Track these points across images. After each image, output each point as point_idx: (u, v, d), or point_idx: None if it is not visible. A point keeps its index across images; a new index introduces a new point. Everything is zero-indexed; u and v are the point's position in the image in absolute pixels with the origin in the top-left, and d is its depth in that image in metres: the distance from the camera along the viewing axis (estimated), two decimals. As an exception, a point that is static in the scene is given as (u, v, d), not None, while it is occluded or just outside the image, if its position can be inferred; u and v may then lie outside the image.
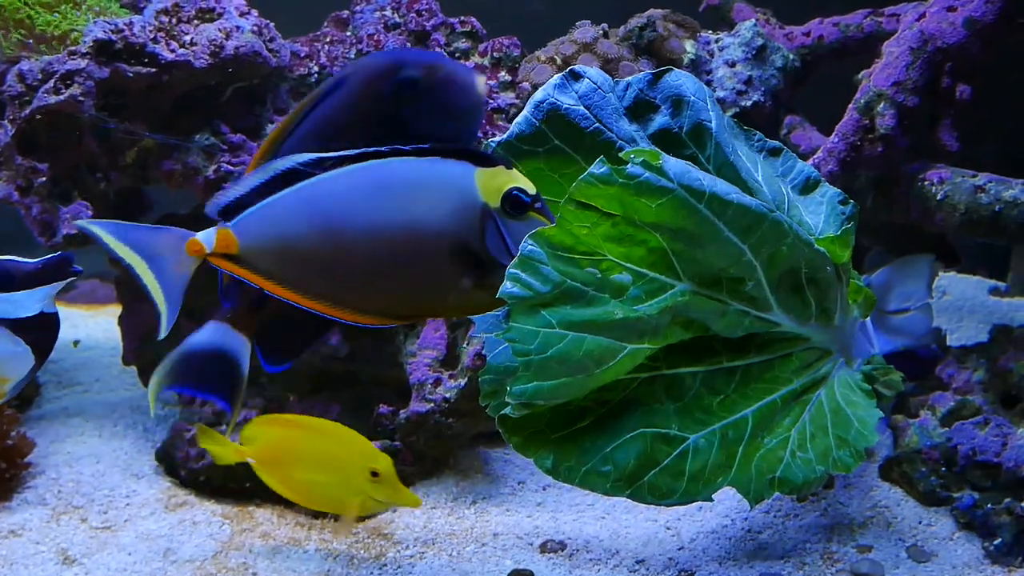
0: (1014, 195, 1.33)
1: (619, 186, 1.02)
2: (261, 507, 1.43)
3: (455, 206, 0.95)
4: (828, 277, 1.22)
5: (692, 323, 1.17)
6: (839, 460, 1.20)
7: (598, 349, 1.07)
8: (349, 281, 0.96)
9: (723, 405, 1.22)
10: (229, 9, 1.38)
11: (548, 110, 1.15)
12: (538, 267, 1.03)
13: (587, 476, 1.13)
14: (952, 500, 1.37)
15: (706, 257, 1.10)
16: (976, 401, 1.44)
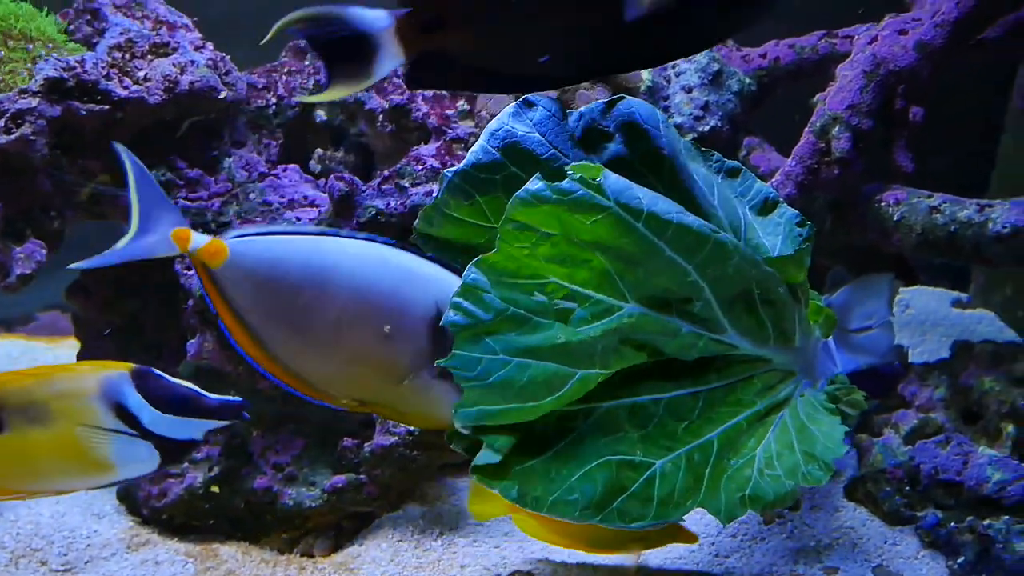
0: (968, 215, 1.34)
1: (554, 203, 1.02)
2: (225, 544, 1.42)
3: (439, 303, 1.01)
4: (783, 298, 1.22)
5: (645, 346, 1.17)
6: (809, 474, 1.19)
7: (544, 375, 1.07)
8: (313, 331, 0.97)
9: (688, 431, 1.22)
10: (183, 44, 1.37)
11: (503, 138, 1.15)
12: (480, 295, 1.04)
13: (555, 504, 1.11)
14: (917, 519, 1.38)
15: (649, 277, 1.10)
16: (938, 419, 1.44)
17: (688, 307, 1.17)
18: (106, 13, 1.37)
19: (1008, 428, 1.37)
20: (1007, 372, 1.42)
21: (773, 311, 1.25)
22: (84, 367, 1.07)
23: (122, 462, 1.04)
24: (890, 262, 1.53)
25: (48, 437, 1.03)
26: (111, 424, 1.02)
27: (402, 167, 1.36)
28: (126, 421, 1.02)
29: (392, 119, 1.48)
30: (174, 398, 1.03)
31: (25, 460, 1.05)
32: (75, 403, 1.02)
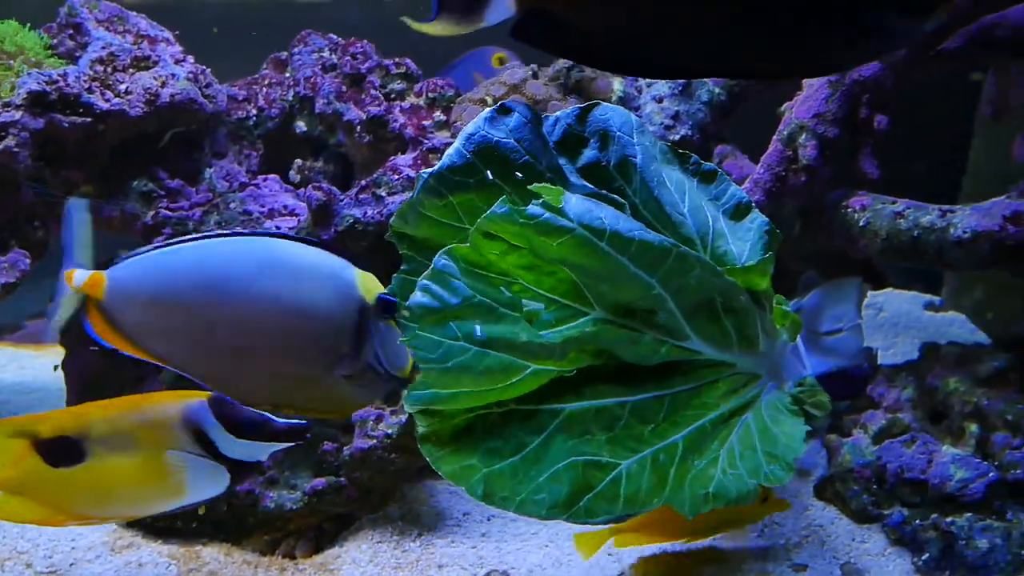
0: (931, 220, 1.38)
1: (520, 226, 1.06)
2: (208, 546, 1.44)
3: (339, 297, 1.01)
4: (745, 306, 1.25)
5: (603, 351, 1.20)
6: (771, 474, 1.23)
7: (500, 365, 1.11)
8: (218, 348, 0.99)
9: (654, 433, 1.25)
10: (164, 57, 1.40)
11: (479, 142, 1.18)
12: (449, 280, 1.07)
13: (523, 504, 1.14)
14: (883, 517, 1.41)
15: (614, 290, 1.14)
16: (905, 419, 1.48)
17: (652, 317, 1.21)
18: (88, 28, 1.41)
19: (972, 427, 1.40)
20: (972, 373, 1.45)
21: (736, 318, 1.28)
22: (166, 397, 1.12)
23: (195, 486, 1.10)
24: (858, 266, 1.57)
25: (129, 464, 1.09)
26: (192, 450, 1.07)
27: (378, 177, 1.39)
28: (204, 447, 1.08)
29: (370, 130, 1.51)
30: (246, 423, 1.07)
31: (104, 487, 1.11)
32: (159, 431, 1.07)
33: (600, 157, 1.25)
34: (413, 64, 1.58)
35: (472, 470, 1.15)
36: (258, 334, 0.98)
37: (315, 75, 1.52)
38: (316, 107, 1.54)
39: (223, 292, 0.97)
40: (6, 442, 1.11)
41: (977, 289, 1.84)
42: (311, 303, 0.99)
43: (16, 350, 2.09)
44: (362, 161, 1.56)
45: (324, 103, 1.53)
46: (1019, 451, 1.33)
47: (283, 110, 1.57)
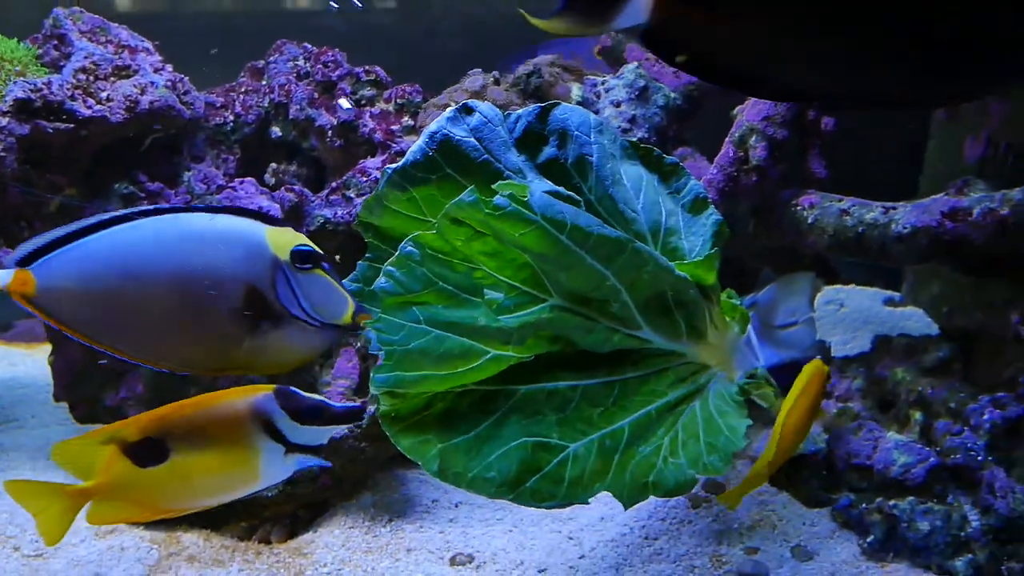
0: (874, 217, 1.44)
1: (486, 215, 1.12)
2: (188, 532, 1.51)
3: (249, 257, 1.04)
4: (694, 299, 1.32)
5: (559, 337, 1.26)
6: (709, 464, 1.28)
7: (459, 349, 1.17)
8: (148, 326, 1.04)
9: (603, 416, 1.31)
10: (144, 66, 1.47)
11: (441, 140, 1.25)
12: (412, 266, 1.14)
13: (473, 481, 1.20)
14: (832, 501, 1.47)
15: (571, 279, 1.20)
16: (855, 408, 1.54)
17: (607, 306, 1.28)
18: (72, 39, 1.48)
19: (916, 415, 1.46)
20: (918, 363, 1.51)
21: (686, 311, 1.35)
22: (235, 393, 1.18)
23: (267, 472, 1.17)
24: (812, 262, 1.63)
25: (208, 458, 1.16)
26: (263, 441, 1.14)
27: (348, 179, 1.46)
28: (272, 435, 1.14)
29: (341, 135, 1.58)
30: (308, 410, 1.13)
31: (186, 481, 1.18)
32: (233, 425, 1.14)
33: (559, 155, 1.32)
34: (383, 71, 1.65)
35: (428, 445, 1.21)
36: (179, 306, 1.02)
37: (289, 83, 1.60)
38: (290, 113, 1.61)
39: (141, 272, 1.01)
40: (98, 450, 1.19)
41: (933, 284, 1.90)
42: (221, 267, 1.03)
43: (7, 348, 2.16)
44: (334, 164, 1.63)
45: (297, 109, 1.60)
46: (959, 437, 1.39)
47: (259, 116, 1.64)
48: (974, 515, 1.36)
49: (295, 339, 1.09)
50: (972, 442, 1.38)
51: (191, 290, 1.03)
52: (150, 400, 1.53)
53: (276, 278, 1.05)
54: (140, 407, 1.53)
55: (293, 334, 1.08)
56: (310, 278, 1.06)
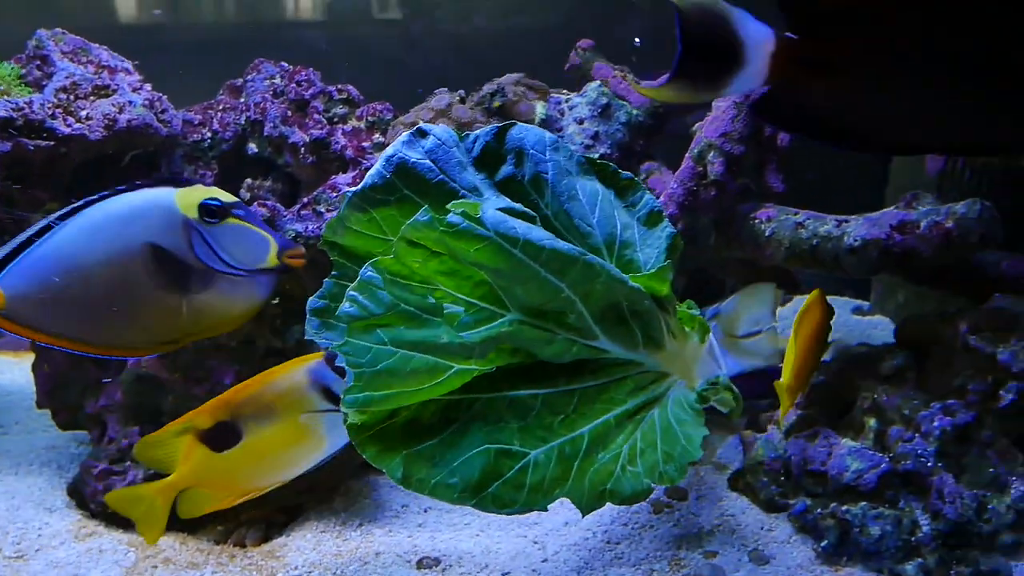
0: (828, 230, 1.48)
1: (440, 232, 1.17)
2: (165, 535, 1.55)
3: (161, 224, 1.08)
4: (649, 309, 1.36)
5: (519, 350, 1.31)
6: (665, 473, 1.32)
7: (425, 366, 1.21)
8: (99, 315, 1.07)
9: (563, 424, 1.35)
10: (123, 86, 1.53)
11: (397, 163, 1.29)
12: (374, 290, 1.18)
13: (436, 487, 1.23)
14: (789, 507, 1.51)
15: (527, 293, 1.24)
16: (814, 415, 1.58)
17: (563, 318, 1.32)
18: (54, 59, 1.54)
19: (871, 422, 1.50)
20: (875, 371, 1.55)
21: (641, 321, 1.39)
22: (290, 366, 1.23)
23: (332, 437, 1.22)
24: (773, 273, 1.67)
25: (277, 433, 1.21)
26: (324, 406, 1.19)
27: (318, 194, 1.51)
28: (331, 400, 1.19)
29: (313, 151, 1.63)
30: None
31: (260, 459, 1.24)
32: (294, 396, 1.19)
33: (516, 172, 1.37)
34: (355, 90, 1.70)
35: (393, 453, 1.24)
36: (116, 289, 1.06)
37: (264, 100, 1.65)
38: (265, 130, 1.67)
39: (80, 264, 1.05)
40: (175, 441, 1.25)
41: (899, 294, 1.94)
42: (141, 240, 1.06)
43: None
44: (307, 180, 1.69)
45: (271, 127, 1.66)
46: (910, 444, 1.43)
47: (236, 133, 1.70)
48: (925, 520, 1.39)
49: (229, 293, 1.11)
50: (922, 448, 1.42)
51: (121, 270, 1.06)
52: (128, 407, 1.58)
53: (191, 238, 1.08)
54: (119, 414, 1.58)
55: (225, 289, 1.10)
56: (223, 229, 1.09)
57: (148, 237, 1.07)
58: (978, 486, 1.40)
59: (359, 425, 1.22)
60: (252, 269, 1.13)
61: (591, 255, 1.28)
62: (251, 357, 1.59)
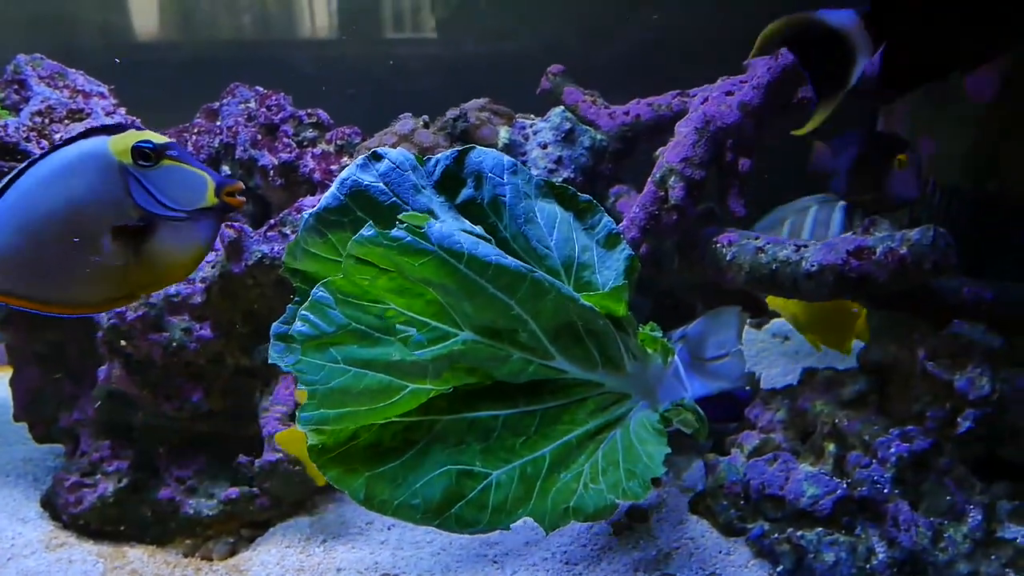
0: (787, 255, 1.49)
1: (385, 247, 1.19)
2: (135, 548, 1.59)
3: (97, 173, 1.05)
4: (604, 329, 1.37)
5: (476, 369, 1.32)
6: (628, 490, 1.33)
7: (378, 385, 1.23)
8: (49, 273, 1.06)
9: (525, 445, 1.36)
10: (96, 110, 1.57)
11: (351, 186, 1.32)
12: (325, 310, 1.20)
13: (399, 508, 1.24)
14: (748, 531, 1.51)
15: (476, 310, 1.26)
16: (776, 439, 1.58)
17: (516, 336, 1.33)
18: (31, 83, 1.58)
19: (830, 447, 1.50)
20: (837, 396, 1.55)
21: (597, 340, 1.40)
22: None
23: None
24: (740, 297, 1.68)
25: None
26: None
27: (284, 216, 1.54)
28: None
29: (282, 174, 1.67)
30: None
31: None
32: None
33: (475, 195, 1.39)
34: (325, 114, 1.74)
35: (355, 474, 1.26)
36: (63, 245, 1.04)
37: (236, 124, 1.69)
38: (236, 153, 1.70)
39: (29, 224, 1.04)
40: None
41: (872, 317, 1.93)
42: (78, 192, 1.03)
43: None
44: (277, 202, 1.72)
45: (242, 150, 1.69)
46: (867, 470, 1.43)
47: (210, 155, 1.73)
48: (881, 547, 1.39)
49: (173, 239, 1.08)
50: (879, 475, 1.41)
51: (65, 226, 1.05)
52: (100, 422, 1.61)
53: (128, 184, 1.05)
54: (91, 428, 1.62)
55: (168, 234, 1.08)
56: (159, 172, 1.06)
57: (87, 190, 1.04)
58: (935, 514, 1.39)
59: (320, 447, 1.24)
60: (191, 209, 1.10)
61: (540, 272, 1.30)
62: (220, 375, 1.62)
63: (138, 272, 1.09)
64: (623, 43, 2.14)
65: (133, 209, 1.06)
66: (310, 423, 1.21)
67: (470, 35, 2.35)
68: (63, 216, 1.05)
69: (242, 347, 1.60)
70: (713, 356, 1.67)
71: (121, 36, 2.43)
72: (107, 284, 1.09)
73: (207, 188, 1.09)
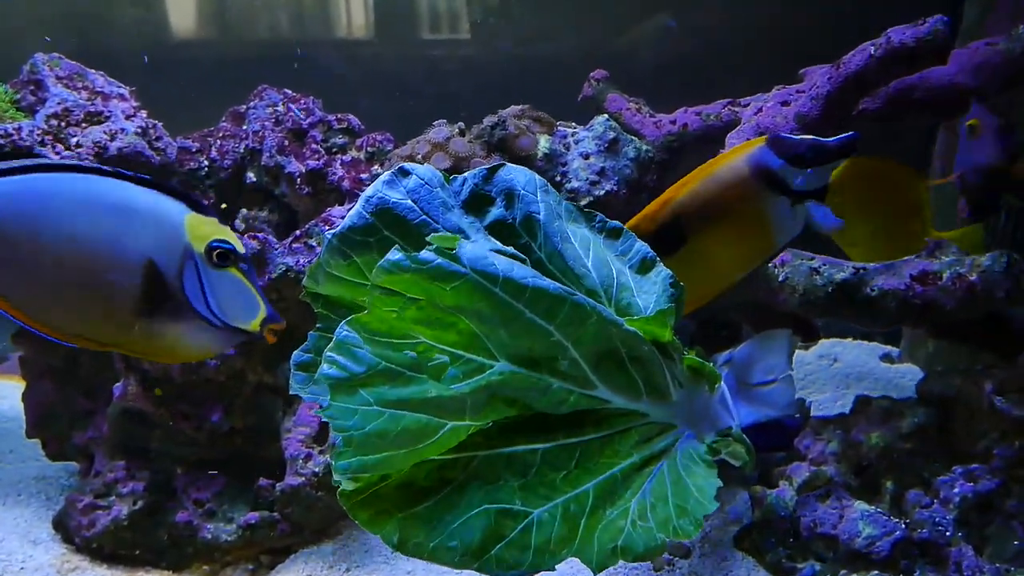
0: (844, 277, 1.40)
1: (414, 272, 1.10)
2: (150, 573, 1.52)
3: (160, 237, 0.99)
4: (648, 355, 1.28)
5: (516, 401, 1.24)
6: (679, 528, 1.24)
7: (416, 425, 1.14)
8: (45, 285, 0.98)
9: (566, 480, 1.28)
10: (116, 112, 1.50)
11: (377, 204, 1.23)
12: (353, 350, 1.11)
13: (435, 551, 1.17)
14: (797, 571, 1.42)
15: (512, 337, 1.17)
16: (828, 472, 1.49)
17: (556, 365, 1.25)
18: (48, 84, 1.51)
19: (888, 483, 1.41)
20: (895, 428, 1.46)
21: (642, 368, 1.31)
22: (732, 155, 1.12)
23: (779, 230, 1.12)
24: (789, 319, 1.59)
25: (723, 230, 1.12)
26: (769, 196, 1.09)
27: (311, 227, 1.46)
28: (776, 187, 1.09)
29: (309, 182, 1.59)
30: (805, 153, 1.09)
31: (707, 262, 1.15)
32: (739, 187, 1.10)
33: (506, 215, 1.30)
34: (356, 120, 1.65)
35: (387, 516, 1.18)
36: (73, 270, 0.96)
37: (264, 129, 1.61)
38: (262, 159, 1.62)
39: (39, 225, 0.95)
40: None
41: (929, 343, 1.84)
42: (126, 241, 0.97)
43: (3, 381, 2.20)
44: (304, 211, 1.64)
45: (268, 156, 1.61)
46: (928, 510, 1.34)
47: (235, 161, 1.66)
48: (942, 593, 1.30)
49: (192, 335, 1.03)
50: (941, 516, 1.33)
51: (91, 258, 0.97)
52: (114, 440, 1.54)
53: (185, 268, 1.00)
54: (105, 447, 1.55)
55: (191, 330, 1.02)
56: (223, 276, 1.01)
57: (143, 247, 0.98)
58: (1001, 560, 1.30)
59: (350, 491, 1.17)
60: (231, 324, 1.05)
61: (580, 295, 1.21)
62: (241, 392, 1.55)
63: (142, 337, 1.02)
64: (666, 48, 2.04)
65: (178, 294, 1.00)
66: (348, 471, 1.12)
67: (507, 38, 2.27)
68: (104, 256, 0.98)
69: (265, 363, 1.52)
70: (761, 382, 1.58)
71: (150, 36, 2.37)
72: (106, 332, 1.03)
73: (257, 316, 1.05)
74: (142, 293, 0.99)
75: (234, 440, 1.56)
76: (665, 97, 1.75)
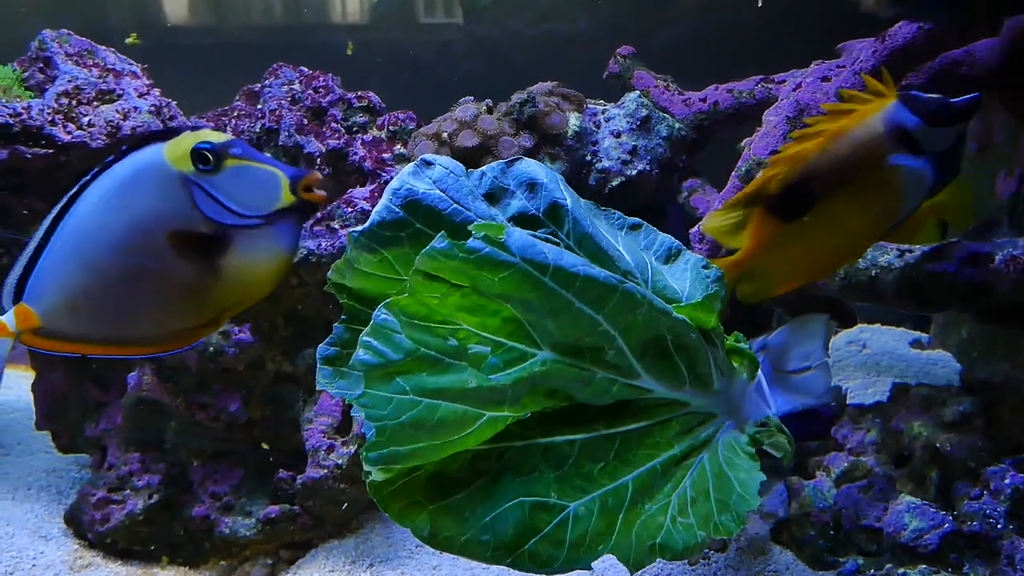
0: (889, 260, 1.35)
1: (460, 260, 1.05)
2: (165, 569, 1.47)
3: (156, 188, 0.93)
4: (695, 343, 1.23)
5: (556, 392, 1.19)
6: (721, 524, 1.20)
7: (453, 416, 1.09)
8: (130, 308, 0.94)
9: (604, 472, 1.23)
10: (128, 91, 1.44)
11: (406, 196, 1.17)
12: (391, 335, 1.06)
13: (467, 545, 1.12)
14: (839, 564, 1.37)
15: (560, 327, 1.12)
16: (868, 462, 1.44)
17: (601, 355, 1.19)
18: (57, 62, 1.45)
19: (932, 474, 1.36)
20: (937, 417, 1.41)
21: (687, 356, 1.26)
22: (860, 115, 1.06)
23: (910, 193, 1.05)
24: (825, 303, 1.53)
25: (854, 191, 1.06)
26: (900, 156, 1.04)
27: (332, 210, 1.41)
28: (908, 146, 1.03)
29: (330, 162, 1.52)
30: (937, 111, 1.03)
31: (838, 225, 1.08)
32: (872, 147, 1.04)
33: (529, 207, 1.24)
34: (376, 98, 1.59)
35: (418, 508, 1.13)
36: (129, 271, 0.93)
37: (280, 107, 1.55)
38: (280, 139, 1.56)
39: (89, 254, 0.92)
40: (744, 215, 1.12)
41: (963, 328, 1.79)
42: (139, 212, 0.92)
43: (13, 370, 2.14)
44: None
45: (286, 136, 1.55)
46: (977, 502, 1.29)
47: (252, 140, 1.59)
48: (993, 588, 1.26)
49: (252, 249, 0.96)
50: (992, 508, 1.28)
51: (130, 252, 0.93)
52: (129, 432, 1.48)
53: (193, 194, 0.93)
54: (119, 439, 1.49)
55: (245, 245, 0.96)
56: (224, 175, 0.94)
57: (147, 207, 0.92)
58: (1055, 553, 1.25)
59: (380, 481, 1.11)
60: (268, 213, 0.97)
61: (630, 283, 1.16)
62: (259, 381, 1.49)
63: (219, 292, 0.96)
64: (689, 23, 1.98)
65: (202, 222, 0.93)
66: (379, 462, 1.07)
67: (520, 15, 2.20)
68: (126, 241, 0.92)
69: (284, 351, 1.47)
70: (796, 368, 1.53)
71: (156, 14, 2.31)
72: (187, 310, 0.97)
73: (281, 186, 0.96)
74: (187, 259, 0.94)
75: (252, 431, 1.50)
76: (688, 75, 1.69)
